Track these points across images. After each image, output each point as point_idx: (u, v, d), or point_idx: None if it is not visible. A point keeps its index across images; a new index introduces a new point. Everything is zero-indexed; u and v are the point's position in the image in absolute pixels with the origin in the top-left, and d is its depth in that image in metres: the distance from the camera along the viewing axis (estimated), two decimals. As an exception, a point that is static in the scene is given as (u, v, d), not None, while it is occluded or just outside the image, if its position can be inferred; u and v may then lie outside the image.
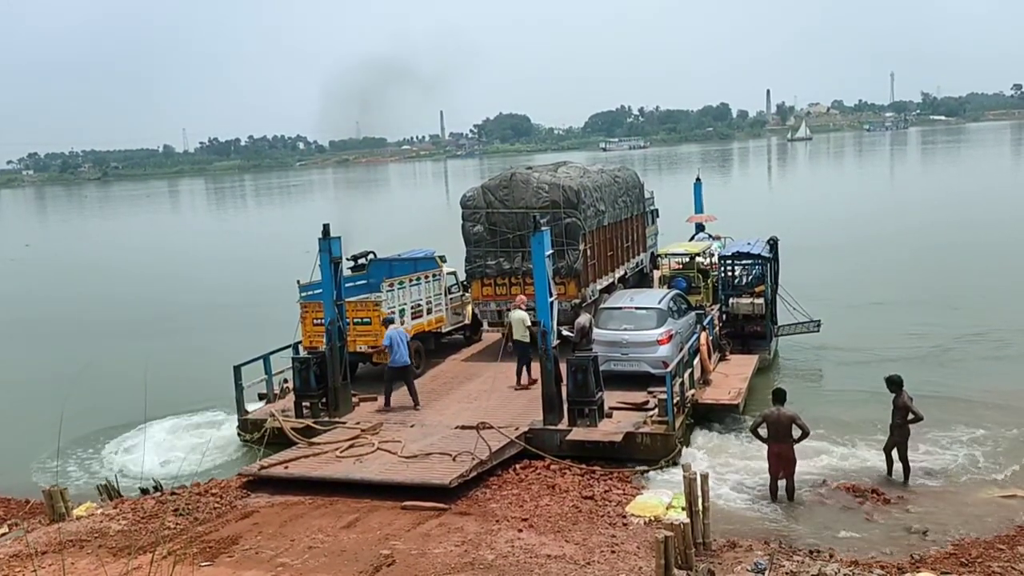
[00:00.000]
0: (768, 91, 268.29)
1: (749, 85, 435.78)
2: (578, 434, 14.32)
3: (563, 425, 14.60)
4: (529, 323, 16.75)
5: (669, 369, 14.75)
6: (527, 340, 16.77)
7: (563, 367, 14.77)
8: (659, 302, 17.42)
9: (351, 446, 14.30)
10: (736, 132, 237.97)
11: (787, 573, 9.92)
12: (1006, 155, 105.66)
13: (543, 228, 14.55)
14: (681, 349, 16.40)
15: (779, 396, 13.10)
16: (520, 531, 11.16)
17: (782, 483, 12.83)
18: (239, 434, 16.49)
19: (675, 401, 14.43)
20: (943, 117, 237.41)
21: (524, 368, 17.10)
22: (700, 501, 10.60)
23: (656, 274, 24.64)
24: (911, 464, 13.38)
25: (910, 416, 13.13)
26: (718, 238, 26.44)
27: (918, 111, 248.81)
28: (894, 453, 13.41)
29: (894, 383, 13.30)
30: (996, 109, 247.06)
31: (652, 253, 26.00)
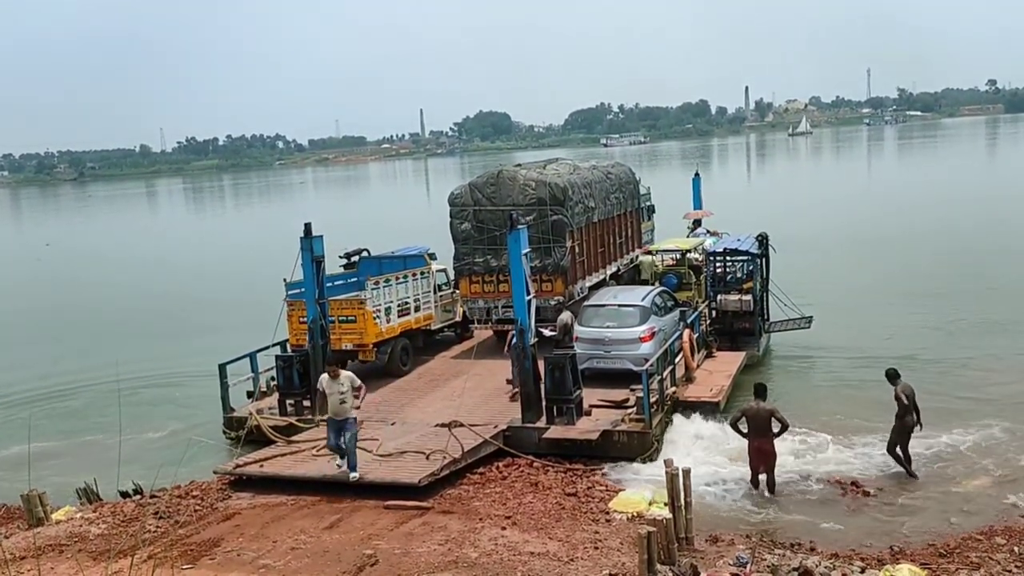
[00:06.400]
0: (746, 88, 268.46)
1: (727, 82, 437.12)
2: (555, 432, 14.32)
3: (542, 423, 14.61)
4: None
5: (646, 367, 14.80)
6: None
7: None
8: (642, 299, 17.44)
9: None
10: (715, 129, 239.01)
11: (769, 566, 9.99)
12: (1008, 148, 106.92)
13: (521, 226, 14.56)
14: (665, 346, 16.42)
15: (759, 391, 13.18)
16: (503, 529, 11.16)
17: (763, 477, 12.92)
18: (224, 432, 16.43)
19: (654, 399, 14.46)
20: (919, 113, 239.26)
21: None
22: (682, 496, 10.66)
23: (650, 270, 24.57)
24: (890, 457, 13.51)
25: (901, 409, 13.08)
26: (716, 234, 26.36)
27: (894, 107, 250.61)
28: (898, 449, 13.37)
29: (888, 376, 13.30)
30: (971, 104, 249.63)
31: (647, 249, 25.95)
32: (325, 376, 13.20)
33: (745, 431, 12.97)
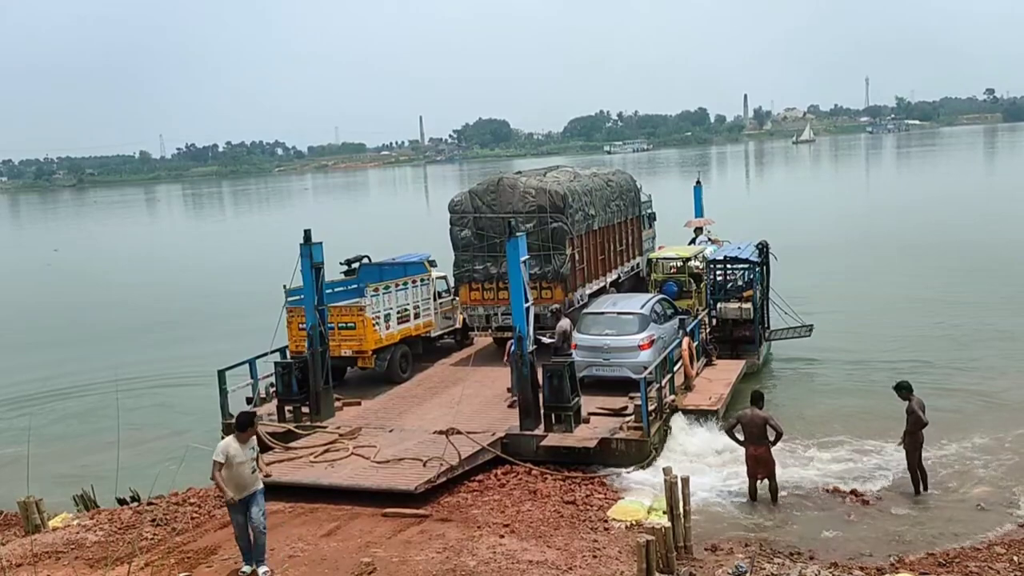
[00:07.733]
0: (745, 96, 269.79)
1: (726, 90, 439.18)
2: (553, 440, 14.29)
3: (540, 431, 14.58)
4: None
5: (645, 375, 14.76)
6: None
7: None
8: (641, 307, 17.42)
9: (326, 451, 14.26)
10: (715, 137, 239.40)
11: (768, 575, 9.97)
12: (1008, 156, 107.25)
13: (519, 233, 14.56)
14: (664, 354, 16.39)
15: (755, 398, 13.15)
16: (502, 537, 11.14)
17: (762, 485, 12.89)
18: (223, 438, 16.34)
19: (652, 407, 14.43)
20: (918, 121, 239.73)
21: None
22: (681, 505, 10.64)
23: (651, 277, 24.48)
24: (891, 467, 13.48)
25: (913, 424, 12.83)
26: (717, 242, 26.28)
27: (892, 115, 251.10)
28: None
29: (902, 389, 13.03)
30: (969, 113, 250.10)
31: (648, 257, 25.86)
32: (231, 441, 9.92)
33: (741, 439, 12.96)
